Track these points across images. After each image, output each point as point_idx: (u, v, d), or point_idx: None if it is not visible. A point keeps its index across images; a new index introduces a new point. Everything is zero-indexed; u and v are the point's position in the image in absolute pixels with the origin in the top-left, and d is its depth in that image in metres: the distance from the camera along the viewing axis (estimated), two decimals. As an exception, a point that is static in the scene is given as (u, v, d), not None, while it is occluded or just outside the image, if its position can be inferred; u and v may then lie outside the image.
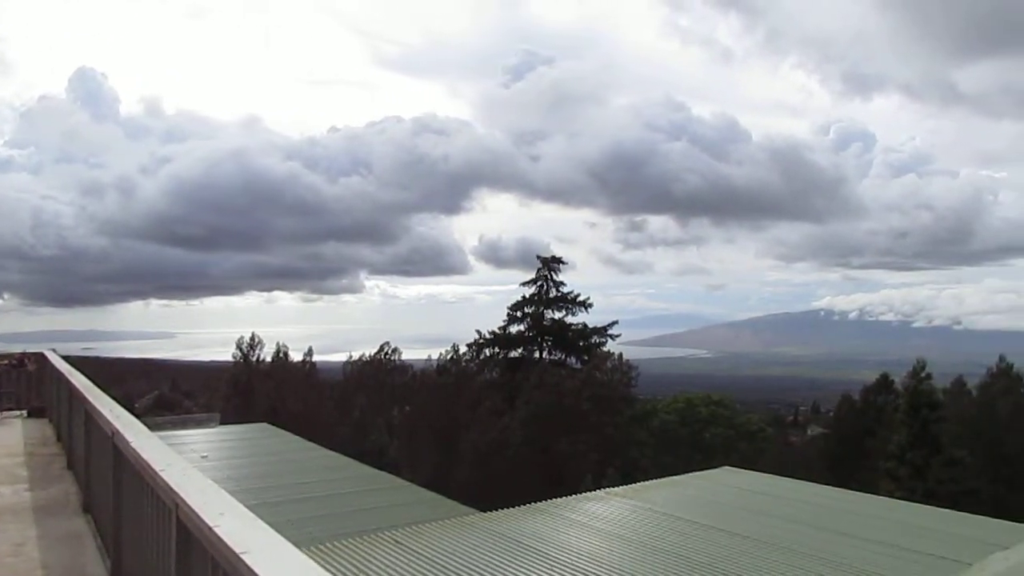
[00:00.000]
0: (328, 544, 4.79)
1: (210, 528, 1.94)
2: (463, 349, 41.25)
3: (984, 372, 31.08)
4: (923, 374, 28.22)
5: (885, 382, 35.40)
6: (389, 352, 43.96)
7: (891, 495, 23.01)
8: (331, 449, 13.07)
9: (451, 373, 39.34)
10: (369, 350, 45.49)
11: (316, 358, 43.58)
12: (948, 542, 4.91)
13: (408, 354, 50.07)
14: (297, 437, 13.61)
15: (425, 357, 45.69)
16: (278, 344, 42.17)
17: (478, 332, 41.74)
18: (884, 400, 34.19)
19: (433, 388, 38.44)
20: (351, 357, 45.41)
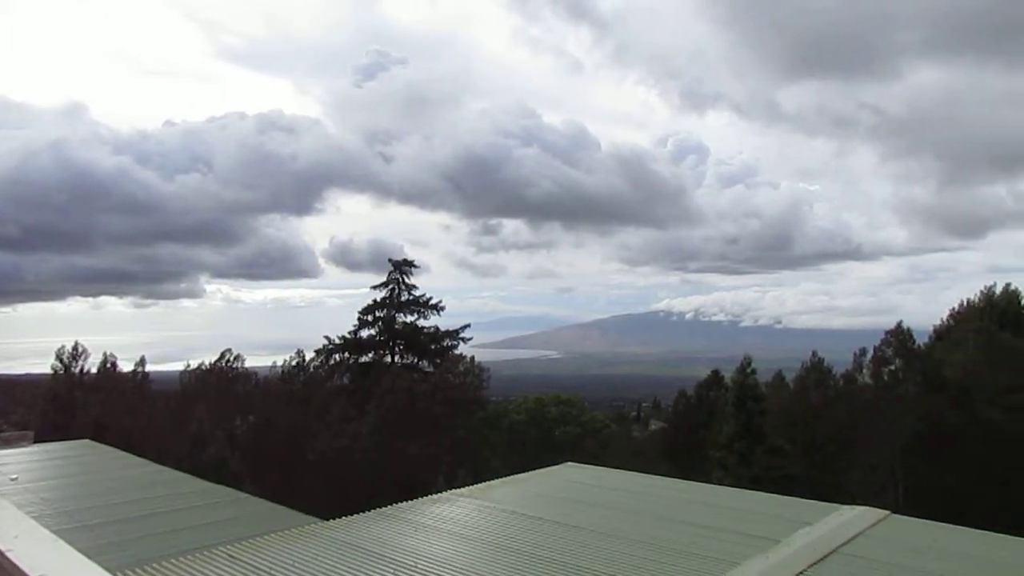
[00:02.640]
0: (155, 565, 4.45)
1: (1, 553, 1.76)
2: (311, 355, 40.02)
3: (800, 366, 33.86)
4: (749, 369, 30.66)
5: (716, 378, 38.10)
6: (231, 359, 41.72)
7: (721, 482, 24.77)
8: (165, 464, 12.19)
9: (298, 380, 38.00)
10: (210, 358, 42.95)
11: (150, 368, 40.68)
12: (763, 522, 5.32)
13: (253, 361, 47.85)
14: (124, 453, 12.59)
15: (271, 364, 43.75)
16: (105, 354, 38.89)
17: (327, 337, 40.68)
18: (716, 394, 36.76)
19: (279, 396, 36.94)
20: (189, 366, 42.65)
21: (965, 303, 33.02)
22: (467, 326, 42.38)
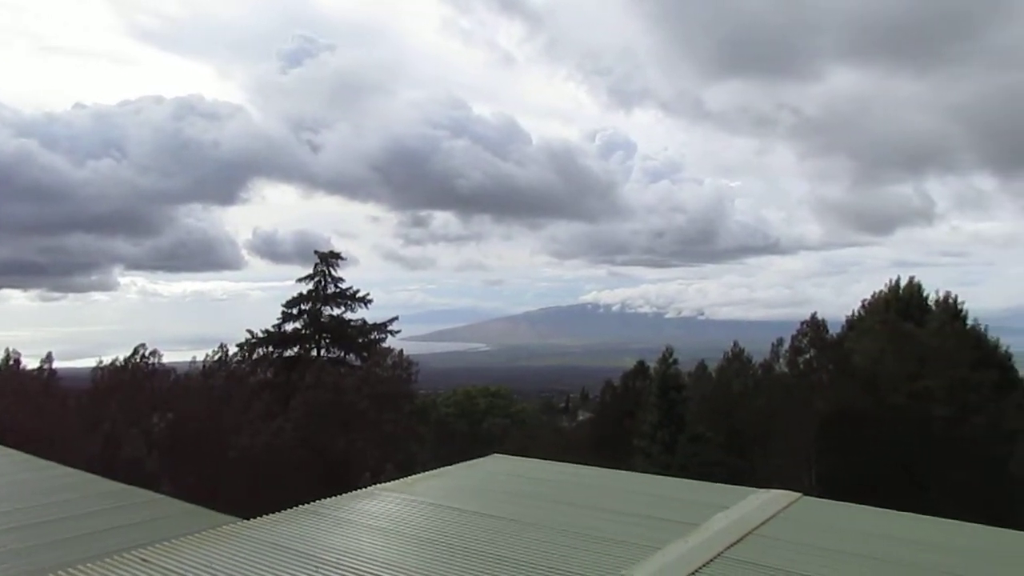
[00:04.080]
0: (61, 572, 4.24)
1: None
2: (233, 349, 38.86)
3: (721, 357, 34.91)
4: (671, 360, 31.46)
5: (641, 368, 38.93)
6: (147, 355, 40.09)
7: (644, 470, 25.35)
8: (75, 466, 11.59)
9: (219, 375, 36.84)
10: (124, 354, 41.16)
11: (58, 365, 38.62)
12: (683, 507, 5.45)
13: (171, 356, 46.10)
14: (28, 456, 11.91)
15: (190, 359, 42.25)
16: (7, 350, 36.82)
17: (250, 331, 39.58)
18: (641, 385, 37.56)
19: (198, 392, 35.73)
20: (101, 362, 40.77)
21: (873, 295, 34.65)
22: (395, 319, 41.96)
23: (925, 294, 33.61)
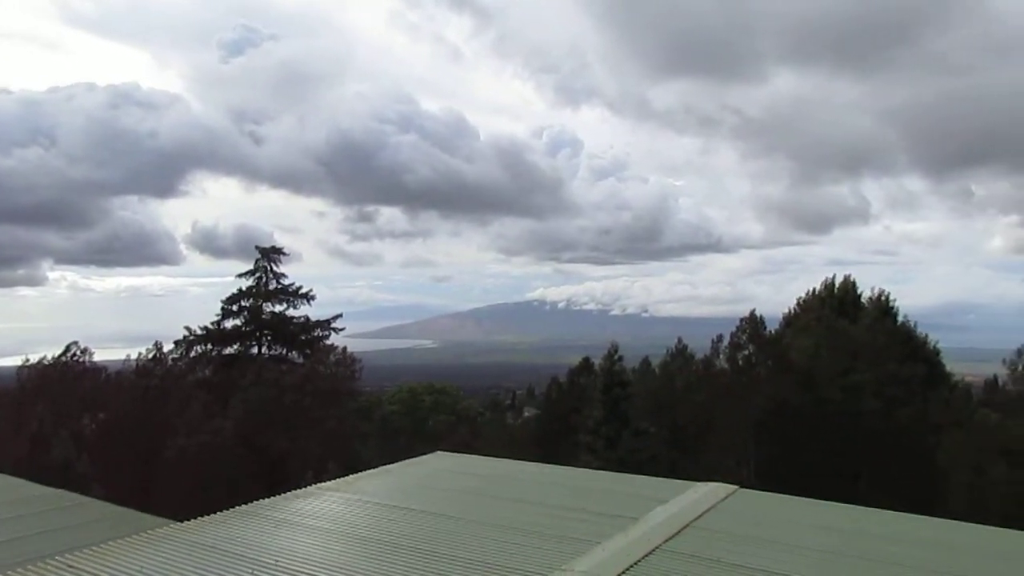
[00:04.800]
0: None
1: None
2: (170, 347, 37.73)
3: (665, 353, 35.45)
4: (616, 356, 31.81)
5: (587, 364, 39.28)
6: (78, 353, 38.65)
7: (589, 465, 25.63)
8: (-2, 469, 11.13)
9: (155, 374, 35.73)
10: (53, 351, 39.57)
11: (-19, 363, 37.03)
12: (624, 501, 5.53)
13: (104, 355, 44.57)
14: (-52, 458, 11.39)
15: (124, 357, 40.87)
16: (-74, 348, 35.00)
17: (188, 328, 38.48)
18: (586, 381, 37.88)
19: (132, 391, 34.61)
20: (28, 360, 39.12)
21: (809, 293, 35.68)
22: (339, 316, 41.30)
23: (859, 292, 34.78)
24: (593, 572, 3.95)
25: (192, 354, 38.33)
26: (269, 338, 39.25)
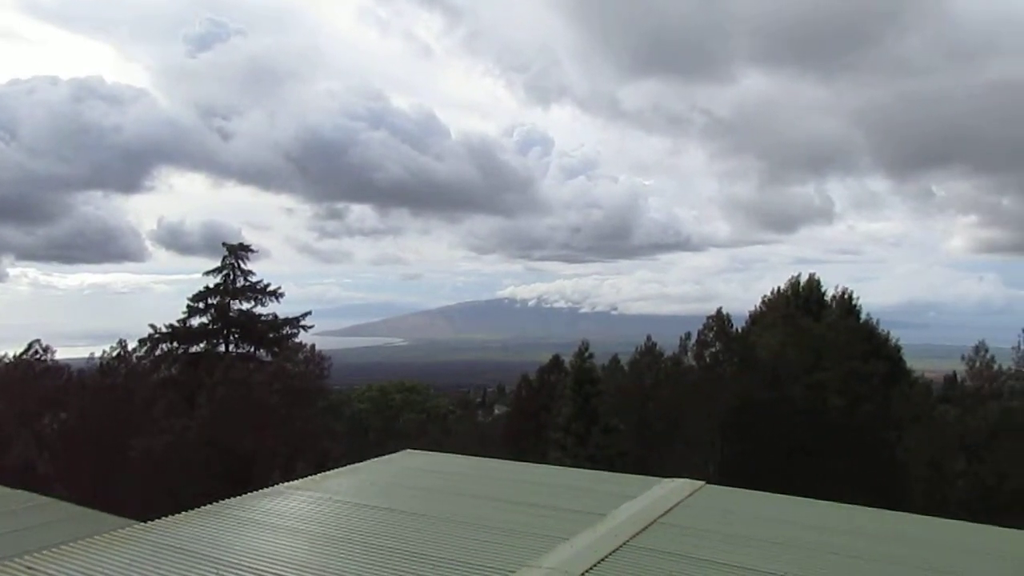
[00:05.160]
0: (-64, 584, 3.96)
1: None
2: (134, 345, 37.07)
3: (634, 350, 35.70)
4: (586, 354, 32.01)
5: (557, 362, 39.43)
6: (40, 351, 37.81)
7: (558, 462, 25.74)
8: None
9: (119, 372, 35.09)
10: (14, 349, 38.65)
11: (-64, 362, 35.99)
12: (592, 498, 5.57)
13: (66, 353, 43.66)
14: (-99, 459, 11.08)
15: (87, 356, 40.05)
16: None
17: (153, 326, 37.85)
18: (556, 378, 38.03)
19: (96, 390, 33.95)
20: (-13, 359, 38.22)
21: (774, 291, 36.23)
22: (308, 313, 40.93)
23: (823, 290, 35.41)
24: (561, 568, 3.97)
25: (157, 352, 37.73)
26: (236, 336, 38.77)
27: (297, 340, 38.79)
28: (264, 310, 39.20)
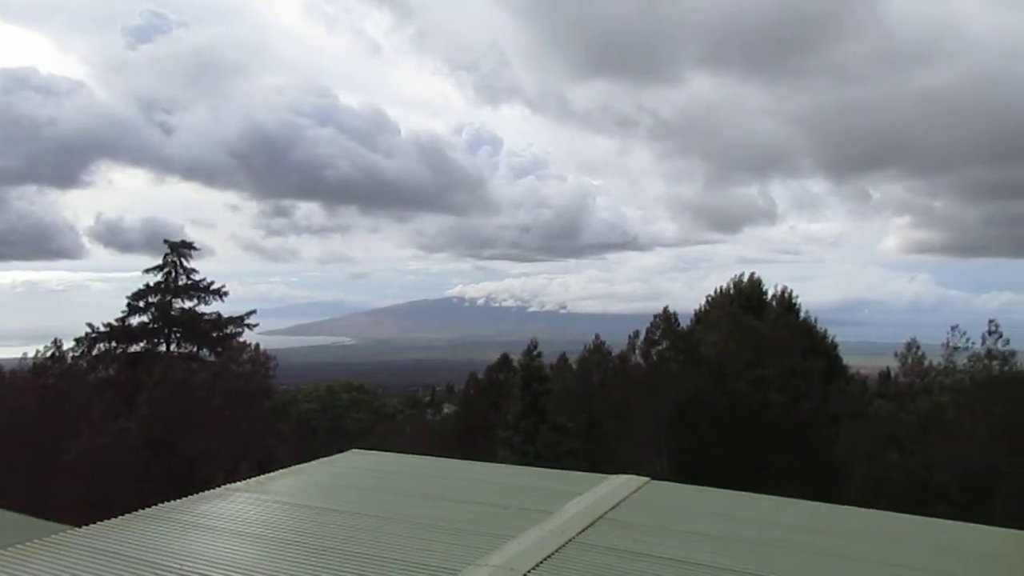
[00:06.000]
0: None
1: None
2: (70, 344, 35.78)
3: (582, 349, 36.01)
4: (535, 352, 32.19)
5: (505, 361, 39.56)
6: (-34, 351, 36.19)
7: (507, 460, 25.80)
8: None
9: (53, 373, 33.83)
10: (-62, 350, 36.94)
11: None
12: (539, 496, 5.61)
13: (-6, 353, 41.94)
14: None
15: (20, 355, 38.48)
16: None
17: (90, 325, 36.59)
18: (505, 377, 38.15)
19: (28, 391, 32.69)
20: (-92, 360, 36.41)
21: (719, 290, 36.94)
22: (253, 312, 40.06)
23: (764, 289, 36.23)
24: (507, 566, 4.00)
25: (95, 352, 36.50)
26: (178, 335, 37.77)
27: (242, 339, 38.00)
28: (207, 309, 38.28)
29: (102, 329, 36.54)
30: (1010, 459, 25.28)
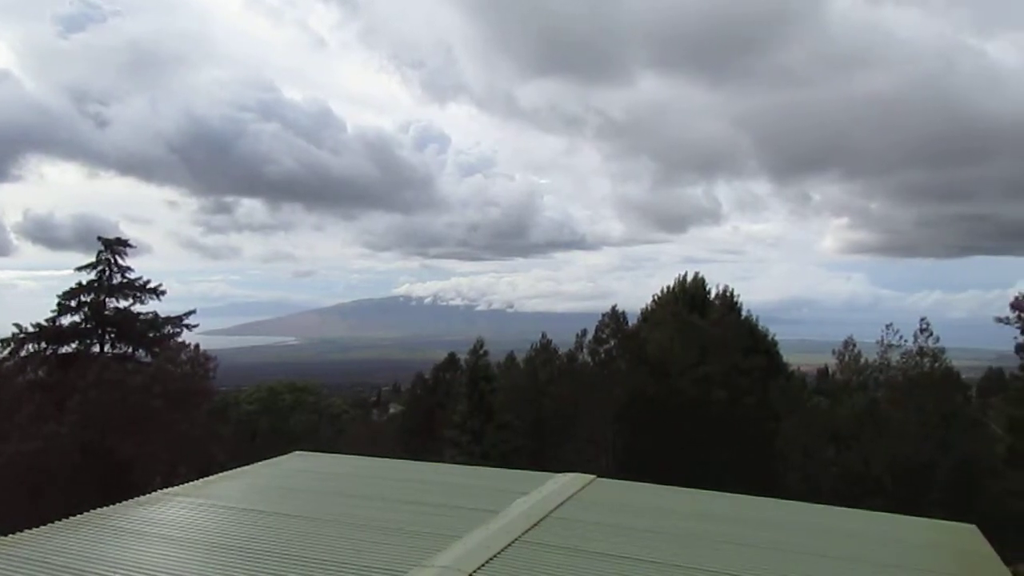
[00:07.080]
0: None
1: None
2: (-5, 346, 34.24)
3: (529, 347, 36.15)
4: (481, 351, 32.18)
5: (452, 360, 39.44)
6: None
7: (453, 460, 25.78)
8: None
9: (-23, 375, 32.38)
10: None
11: None
12: (485, 495, 5.59)
13: (-87, 355, 39.74)
14: None
15: (-60, 357, 36.68)
16: None
17: (18, 325, 35.06)
18: (452, 376, 38.01)
19: (-50, 395, 31.20)
20: None
21: (664, 289, 37.54)
22: (192, 312, 38.97)
23: (708, 288, 36.99)
24: (453, 567, 3.96)
25: (23, 353, 34.96)
26: (113, 336, 36.47)
27: (180, 340, 36.91)
28: (144, 308, 37.02)
29: (31, 329, 35.04)
30: (942, 452, 26.36)
